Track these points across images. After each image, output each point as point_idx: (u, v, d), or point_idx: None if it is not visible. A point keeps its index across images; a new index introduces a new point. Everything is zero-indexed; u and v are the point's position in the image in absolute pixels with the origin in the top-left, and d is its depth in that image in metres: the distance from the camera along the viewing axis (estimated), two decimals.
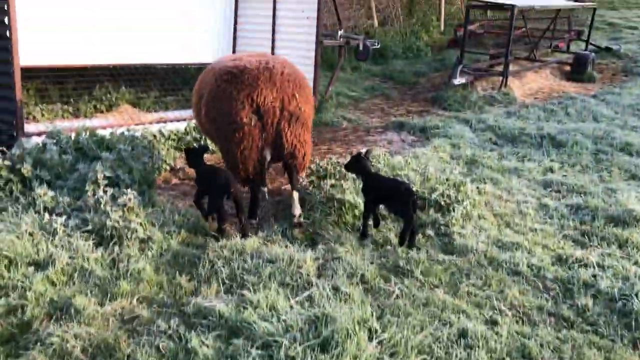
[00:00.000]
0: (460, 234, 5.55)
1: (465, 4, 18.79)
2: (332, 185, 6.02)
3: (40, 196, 5.45)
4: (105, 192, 5.36)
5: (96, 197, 5.24)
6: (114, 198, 5.31)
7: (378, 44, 12.22)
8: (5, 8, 6.79)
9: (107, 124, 9.17)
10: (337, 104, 12.13)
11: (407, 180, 6.44)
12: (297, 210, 5.79)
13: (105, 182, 5.56)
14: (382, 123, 10.92)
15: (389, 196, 5.37)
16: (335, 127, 10.60)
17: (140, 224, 5.13)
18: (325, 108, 11.23)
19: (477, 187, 6.70)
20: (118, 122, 9.55)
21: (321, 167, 6.30)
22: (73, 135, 7.30)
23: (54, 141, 6.77)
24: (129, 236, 4.97)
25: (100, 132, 7.87)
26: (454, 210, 5.89)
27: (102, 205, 5.13)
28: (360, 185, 5.75)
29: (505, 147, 9.00)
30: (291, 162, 5.69)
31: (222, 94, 5.36)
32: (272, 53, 11.50)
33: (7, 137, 7.05)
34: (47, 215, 5.08)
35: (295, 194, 5.84)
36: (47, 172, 5.96)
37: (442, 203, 6.03)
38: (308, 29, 11.03)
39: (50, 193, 5.53)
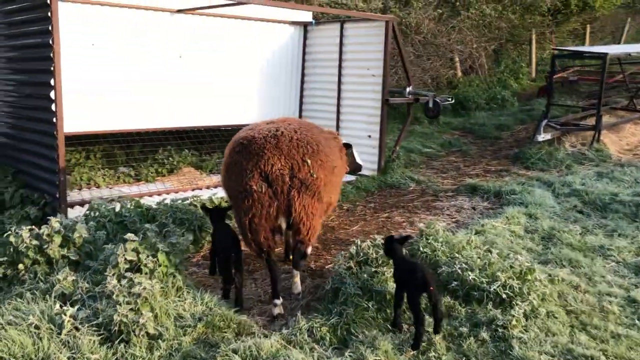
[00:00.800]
0: (520, 339, 4.63)
1: (551, 54, 17.59)
2: (374, 273, 5.31)
3: (60, 281, 5.16)
4: (124, 277, 5.00)
5: (113, 284, 4.87)
6: (132, 286, 4.92)
7: (452, 99, 11.46)
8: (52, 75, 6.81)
9: (163, 189, 9.04)
10: (406, 163, 11.43)
11: (465, 264, 5.60)
12: (298, 288, 5.70)
13: (127, 266, 5.20)
14: (454, 185, 10.06)
15: (406, 282, 4.74)
16: (401, 190, 9.88)
17: (155, 317, 4.69)
18: (391, 168, 10.56)
19: (549, 275, 5.72)
20: (176, 186, 9.40)
21: (362, 249, 5.61)
22: (117, 206, 7.16)
23: (95, 214, 6.60)
24: (136, 332, 4.52)
25: (147, 200, 7.71)
26: (516, 307, 4.98)
27: (115, 295, 4.74)
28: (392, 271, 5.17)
29: (591, 218, 7.87)
30: (296, 235, 5.39)
31: (233, 165, 5.36)
32: (338, 114, 11.09)
33: (52, 209, 6.97)
34: (58, 306, 4.75)
35: (297, 274, 5.70)
36: (76, 252, 5.71)
37: (504, 296, 5.14)
38: (374, 87, 10.52)
39: (72, 277, 5.24)
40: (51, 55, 6.77)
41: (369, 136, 10.69)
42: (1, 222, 6.32)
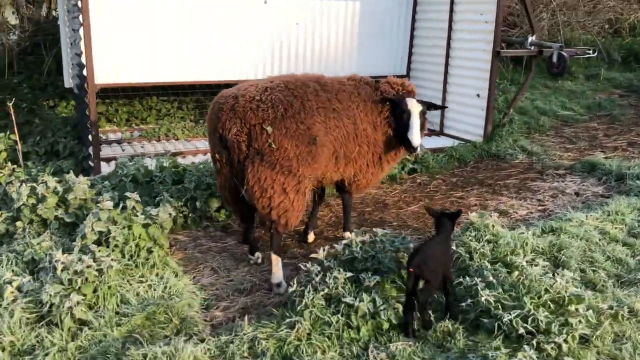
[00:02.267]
0: None
1: None
2: (354, 280, 4.23)
3: (33, 245, 4.94)
4: (89, 251, 4.62)
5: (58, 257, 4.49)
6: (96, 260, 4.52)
7: (593, 51, 9.17)
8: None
9: None
10: (529, 128, 9.57)
11: (493, 276, 4.27)
12: (276, 278, 4.74)
13: (95, 237, 4.80)
14: (573, 161, 8.12)
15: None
16: (503, 163, 8.25)
17: (87, 302, 4.23)
18: (499, 135, 8.86)
19: (614, 306, 4.11)
20: None
21: (354, 244, 4.50)
22: (153, 162, 6.83)
23: (122, 171, 6.32)
24: (62, 317, 4.09)
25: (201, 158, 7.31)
26: (530, 349, 3.61)
27: (58, 271, 4.35)
28: None
29: None
30: (262, 215, 4.72)
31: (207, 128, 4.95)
32: (446, 68, 9.56)
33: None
34: (9, 273, 4.51)
35: (275, 258, 4.73)
36: (73, 214, 5.47)
37: (521, 330, 3.78)
38: (486, 35, 8.80)
39: (48, 243, 4.99)
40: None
41: (478, 95, 9.05)
42: (30, 173, 6.31)
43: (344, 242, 4.53)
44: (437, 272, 3.95)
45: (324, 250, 4.43)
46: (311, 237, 5.68)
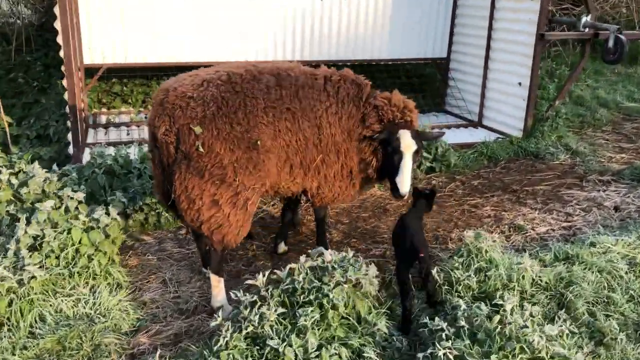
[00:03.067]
0: None
1: None
2: (278, 317, 3.51)
3: None
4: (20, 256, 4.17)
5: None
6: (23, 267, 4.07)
7: None
8: None
9: None
10: (580, 123, 8.37)
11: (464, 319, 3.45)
12: (217, 302, 4.11)
13: (30, 241, 4.33)
14: (623, 166, 6.95)
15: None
16: (540, 163, 7.19)
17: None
18: (540, 130, 7.75)
19: None
20: None
21: (297, 271, 3.75)
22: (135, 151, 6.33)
23: (98, 161, 5.86)
24: None
25: None
26: None
27: None
28: None
29: None
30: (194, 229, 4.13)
31: None
32: (487, 51, 8.49)
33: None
34: None
35: (215, 280, 4.09)
36: (27, 209, 5.05)
37: None
38: (530, 15, 7.67)
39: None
40: None
41: (519, 84, 7.95)
42: (10, 160, 5.96)
43: (289, 266, 3.81)
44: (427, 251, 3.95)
45: (264, 275, 3.73)
46: (282, 248, 5.00)
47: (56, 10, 5.89)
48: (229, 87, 3.82)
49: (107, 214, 4.66)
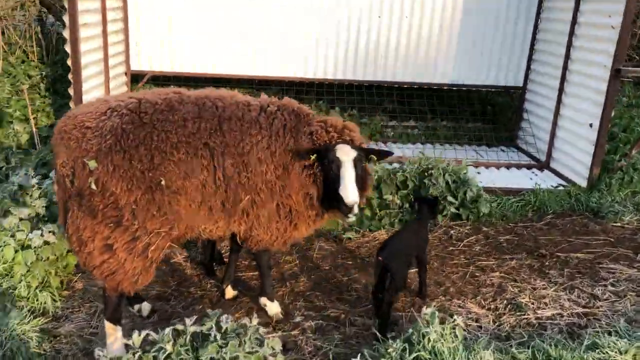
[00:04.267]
0: None
1: None
2: None
3: None
4: None
5: None
6: None
7: None
8: None
9: None
10: None
11: None
12: (111, 353, 3.58)
13: None
14: None
15: None
16: (596, 224, 6.00)
17: None
18: (607, 183, 6.50)
19: None
20: None
21: (165, 338, 3.19)
22: None
23: None
24: None
25: None
26: None
27: None
28: None
29: None
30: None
31: None
32: (562, 84, 7.37)
33: None
34: None
35: (109, 328, 3.68)
36: None
37: None
38: (608, 46, 6.49)
39: None
40: None
41: (590, 125, 6.74)
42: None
43: (171, 328, 3.29)
44: (403, 268, 4.04)
45: (139, 334, 3.25)
46: (230, 293, 4.49)
47: (65, 18, 5.87)
48: (135, 117, 3.39)
49: (53, 232, 4.47)
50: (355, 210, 3.64)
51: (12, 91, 8.23)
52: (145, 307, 4.25)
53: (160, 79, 8.78)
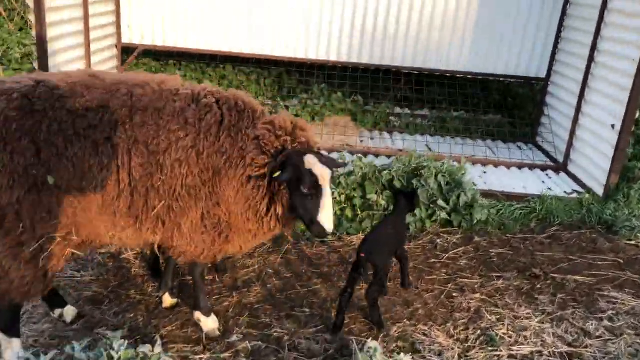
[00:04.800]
0: None
1: None
2: None
3: None
4: None
5: None
6: None
7: None
8: None
9: None
10: None
11: None
12: None
13: None
14: None
15: None
16: (606, 240, 5.30)
17: None
18: (626, 193, 5.76)
19: None
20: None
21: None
22: None
23: None
24: None
25: None
26: None
27: None
28: None
29: None
30: None
31: None
32: (586, 77, 6.60)
33: None
34: None
35: (3, 338, 3.23)
36: None
37: None
38: (638, 37, 5.71)
39: None
40: None
41: (612, 126, 5.97)
42: None
43: (54, 351, 2.84)
44: (387, 263, 3.90)
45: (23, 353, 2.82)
46: (168, 301, 4.02)
47: None
48: (25, 102, 2.91)
49: None
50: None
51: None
52: (69, 311, 3.83)
53: (161, 54, 8.36)
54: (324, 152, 3.85)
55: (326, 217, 3.18)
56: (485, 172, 6.71)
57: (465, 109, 8.41)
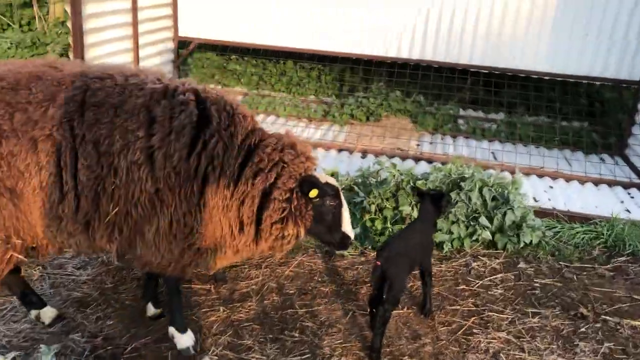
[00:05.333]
0: None
1: None
2: None
3: None
4: None
5: None
6: None
7: None
8: None
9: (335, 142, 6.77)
10: None
11: None
12: None
13: None
14: None
15: None
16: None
17: None
18: None
19: None
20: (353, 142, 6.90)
21: None
22: None
23: None
24: None
25: None
26: None
27: None
28: None
29: None
30: None
31: None
32: None
33: None
34: None
35: None
36: None
37: None
38: None
39: None
40: None
41: None
42: None
43: None
44: (404, 275, 3.43)
45: None
46: (151, 311, 3.74)
47: None
48: None
49: None
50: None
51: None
52: (47, 313, 3.65)
53: (226, 49, 8.24)
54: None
55: (350, 227, 3.22)
56: (551, 187, 5.90)
57: (542, 114, 7.53)
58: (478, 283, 4.25)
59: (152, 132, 2.82)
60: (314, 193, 3.04)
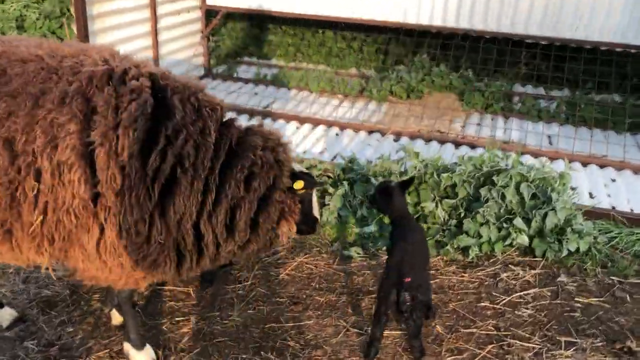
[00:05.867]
0: None
1: None
2: None
3: None
4: None
5: None
6: None
7: None
8: None
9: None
10: None
11: None
12: None
13: None
14: None
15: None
16: None
17: None
18: None
19: None
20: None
21: None
22: None
23: None
24: None
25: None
26: None
27: None
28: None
29: None
30: None
31: None
32: None
33: None
34: None
35: None
36: None
37: None
38: None
39: None
40: None
41: None
42: None
43: None
44: (427, 279, 3.11)
45: None
46: (115, 318, 3.32)
47: None
48: None
49: None
50: None
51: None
52: (5, 315, 3.31)
53: (264, 18, 7.70)
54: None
55: (317, 210, 3.12)
56: (614, 180, 5.03)
57: (611, 92, 6.54)
58: (505, 300, 3.56)
59: (90, 126, 2.32)
60: (299, 185, 2.83)
